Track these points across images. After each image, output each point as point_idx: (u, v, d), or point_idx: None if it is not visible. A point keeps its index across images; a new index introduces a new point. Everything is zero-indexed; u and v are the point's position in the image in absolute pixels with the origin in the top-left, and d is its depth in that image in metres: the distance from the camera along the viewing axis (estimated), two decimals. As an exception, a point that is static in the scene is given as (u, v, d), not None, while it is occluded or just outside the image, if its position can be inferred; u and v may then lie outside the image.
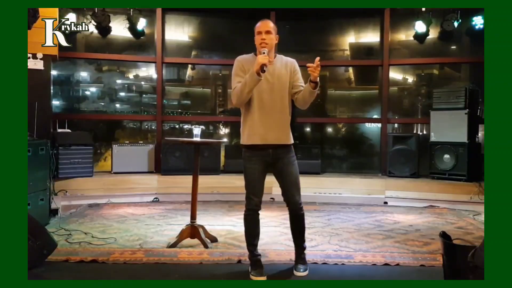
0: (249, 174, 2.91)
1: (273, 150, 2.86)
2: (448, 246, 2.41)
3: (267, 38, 2.80)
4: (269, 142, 2.83)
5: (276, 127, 2.83)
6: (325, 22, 6.83)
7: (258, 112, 2.83)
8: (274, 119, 2.83)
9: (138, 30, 6.23)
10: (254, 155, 2.87)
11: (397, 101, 7.00)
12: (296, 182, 2.96)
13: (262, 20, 2.88)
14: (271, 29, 2.84)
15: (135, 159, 5.95)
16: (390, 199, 5.64)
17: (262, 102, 2.82)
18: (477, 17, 5.94)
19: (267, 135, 2.82)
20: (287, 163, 2.90)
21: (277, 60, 2.92)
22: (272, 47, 2.86)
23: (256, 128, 2.83)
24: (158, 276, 2.91)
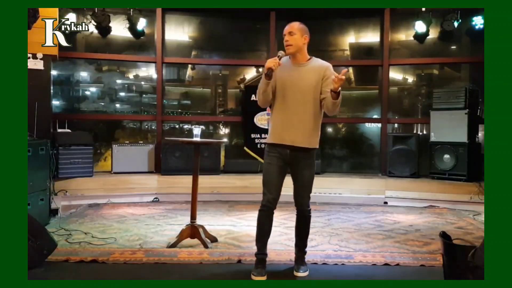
0: (265, 170, 2.93)
1: (290, 152, 2.85)
2: (448, 246, 2.41)
3: (290, 39, 2.81)
4: (285, 143, 2.84)
5: (294, 129, 2.82)
6: (325, 22, 6.83)
7: (279, 112, 2.87)
8: (294, 121, 2.82)
9: (138, 30, 6.23)
10: (272, 152, 2.89)
11: (397, 101, 7.00)
12: (307, 186, 2.94)
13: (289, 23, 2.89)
14: (294, 30, 2.82)
15: (135, 159, 5.95)
16: (390, 199, 5.64)
17: (284, 103, 2.84)
18: (477, 17, 5.94)
19: (284, 135, 2.84)
20: (303, 167, 2.88)
21: (310, 62, 2.89)
22: (299, 47, 2.83)
23: (276, 127, 2.88)
24: (158, 276, 2.91)
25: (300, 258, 3.03)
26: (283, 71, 2.82)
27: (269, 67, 2.67)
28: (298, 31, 2.82)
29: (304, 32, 2.85)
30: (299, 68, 2.85)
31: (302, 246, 3.05)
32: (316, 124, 2.89)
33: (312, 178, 2.95)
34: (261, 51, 6.97)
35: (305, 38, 2.84)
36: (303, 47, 2.86)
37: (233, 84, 6.99)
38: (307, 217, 3.01)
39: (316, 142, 2.91)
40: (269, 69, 2.67)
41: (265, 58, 6.74)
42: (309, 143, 2.86)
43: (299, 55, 2.85)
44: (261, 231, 2.97)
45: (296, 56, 2.86)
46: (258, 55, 7.04)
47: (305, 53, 2.89)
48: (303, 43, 2.84)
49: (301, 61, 2.87)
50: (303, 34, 2.83)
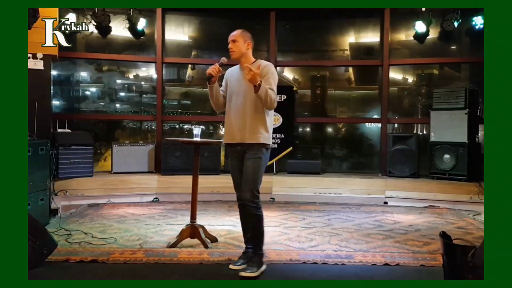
0: (230, 170, 3.17)
1: (240, 148, 3.02)
2: (448, 246, 2.41)
3: (233, 46, 3.06)
4: (235, 141, 3.04)
5: (242, 128, 2.99)
6: (325, 22, 6.84)
7: (229, 114, 3.09)
8: (240, 120, 3.00)
9: (138, 30, 6.23)
10: (229, 152, 3.14)
11: (397, 101, 7.00)
12: (249, 179, 2.95)
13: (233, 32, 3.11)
14: (236, 38, 3.07)
15: (135, 159, 5.95)
16: (390, 199, 5.64)
17: (231, 105, 3.07)
18: (477, 17, 5.94)
19: (235, 134, 3.03)
20: (248, 159, 2.98)
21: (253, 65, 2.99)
22: (241, 53, 3.07)
23: (228, 128, 3.10)
24: (158, 276, 2.91)
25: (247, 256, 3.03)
26: (232, 76, 3.13)
27: (209, 73, 2.97)
28: (241, 38, 3.07)
29: (247, 38, 3.10)
30: (243, 72, 3.00)
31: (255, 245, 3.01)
32: (261, 122, 2.99)
33: (255, 172, 2.95)
34: (261, 51, 6.97)
35: (248, 44, 3.10)
36: (247, 52, 3.10)
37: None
38: (252, 215, 2.96)
39: (261, 138, 2.98)
40: (209, 75, 2.97)
41: (265, 58, 6.75)
42: (254, 138, 2.97)
43: (244, 59, 3.08)
44: (242, 226, 3.18)
45: (241, 61, 3.08)
46: (258, 55, 7.03)
47: (249, 57, 3.11)
48: (246, 49, 3.09)
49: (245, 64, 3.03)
50: (245, 40, 3.09)
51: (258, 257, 2.99)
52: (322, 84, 7.09)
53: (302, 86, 6.94)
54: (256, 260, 2.97)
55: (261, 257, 3.01)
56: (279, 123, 6.25)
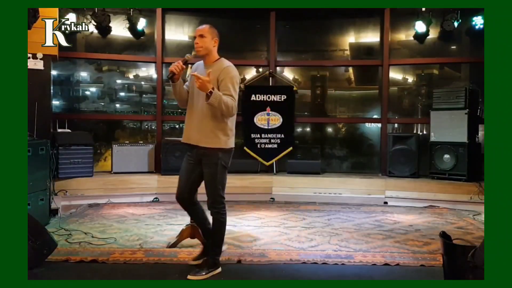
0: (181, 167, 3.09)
1: (197, 150, 2.95)
2: (448, 246, 2.41)
3: (200, 41, 2.90)
4: (191, 143, 2.96)
5: (196, 129, 2.92)
6: (325, 22, 6.83)
7: (188, 113, 3.01)
8: (197, 121, 2.91)
9: (138, 30, 6.23)
10: (187, 151, 3.06)
11: (397, 101, 7.00)
12: (209, 185, 2.92)
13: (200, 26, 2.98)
14: (205, 33, 2.91)
15: (135, 159, 5.94)
16: (390, 199, 5.64)
17: (190, 104, 2.99)
18: (477, 17, 5.93)
19: (190, 135, 2.96)
20: (204, 165, 2.92)
21: (215, 64, 2.94)
22: (208, 50, 2.93)
23: (186, 128, 3.02)
24: (158, 276, 2.91)
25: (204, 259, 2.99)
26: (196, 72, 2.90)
27: (170, 71, 2.85)
28: (209, 34, 2.91)
29: (214, 35, 2.94)
30: (205, 70, 2.90)
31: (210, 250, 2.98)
32: (218, 125, 2.87)
33: (214, 179, 2.90)
34: (261, 51, 6.97)
35: (215, 41, 2.94)
36: (213, 50, 2.95)
37: (233, 84, 6.98)
38: (216, 220, 2.93)
39: (218, 143, 2.88)
40: (171, 72, 2.85)
41: (265, 58, 6.75)
42: (210, 143, 2.88)
43: (208, 57, 2.95)
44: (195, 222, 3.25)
45: (205, 58, 2.96)
46: (258, 55, 7.04)
47: (214, 54, 2.97)
48: (213, 46, 2.94)
49: (208, 62, 2.96)
50: (213, 37, 2.93)
51: (212, 261, 2.94)
52: (322, 84, 7.08)
53: (302, 86, 6.94)
54: (208, 263, 2.93)
55: (216, 260, 2.96)
56: (279, 123, 6.26)
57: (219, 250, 2.99)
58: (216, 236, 2.97)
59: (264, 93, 6.30)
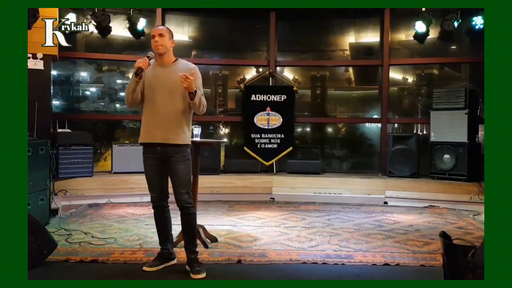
0: (145, 171, 3.08)
1: (161, 148, 2.95)
2: (448, 246, 2.41)
3: (160, 40, 2.93)
4: (156, 141, 2.94)
5: (163, 127, 2.92)
6: (325, 22, 6.83)
7: (149, 112, 2.98)
8: (163, 119, 2.92)
9: (138, 30, 6.23)
10: (146, 152, 3.04)
11: (397, 101, 7.00)
12: (183, 181, 2.96)
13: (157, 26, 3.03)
14: (164, 33, 2.95)
15: (135, 159, 5.89)
16: (390, 199, 5.64)
17: (152, 103, 2.95)
18: (477, 17, 5.94)
19: (155, 134, 2.94)
20: (175, 162, 2.95)
21: (176, 63, 3.01)
22: (167, 49, 2.97)
23: (146, 127, 2.99)
24: (158, 276, 2.91)
25: (193, 260, 2.98)
26: (149, 72, 2.94)
27: (139, 67, 2.83)
28: (167, 34, 2.97)
29: (172, 36, 3.01)
30: (166, 69, 2.97)
31: (190, 244, 3.00)
32: (186, 122, 2.99)
33: (187, 174, 2.98)
34: (261, 51, 6.97)
35: (172, 42, 3.00)
36: (170, 50, 3.01)
37: (233, 84, 6.99)
38: (189, 214, 2.98)
39: (187, 139, 2.99)
40: (139, 68, 2.83)
41: (265, 58, 6.75)
42: (179, 139, 2.94)
43: (166, 56, 2.98)
44: (157, 228, 3.14)
45: (163, 57, 2.98)
46: (258, 55, 7.04)
47: (172, 54, 3.03)
48: (170, 46, 2.99)
49: (167, 62, 3.00)
50: (170, 37, 2.99)
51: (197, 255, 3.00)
52: (322, 84, 7.08)
53: (302, 86, 6.94)
54: (197, 260, 2.98)
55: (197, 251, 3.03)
56: (279, 123, 6.26)
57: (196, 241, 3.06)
58: (193, 230, 3.05)
59: (264, 93, 6.30)
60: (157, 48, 2.93)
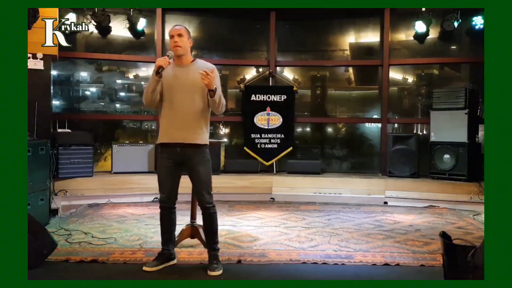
0: (158, 170, 3.10)
1: (181, 149, 2.95)
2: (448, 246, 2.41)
3: (179, 40, 2.94)
4: (176, 141, 2.94)
5: (184, 127, 2.93)
6: (325, 22, 6.83)
7: (168, 112, 2.97)
8: (183, 119, 2.93)
9: (138, 30, 6.23)
10: (163, 153, 3.03)
11: (397, 101, 6.99)
12: (204, 182, 3.00)
13: (175, 25, 3.03)
14: (183, 33, 2.96)
15: (135, 159, 5.94)
16: (390, 199, 5.64)
17: (172, 103, 2.95)
18: (477, 17, 5.93)
19: (174, 134, 2.94)
20: (196, 163, 2.97)
21: (194, 63, 3.03)
22: (186, 49, 2.99)
23: (166, 127, 2.99)
24: (158, 276, 2.91)
25: (213, 257, 3.02)
26: (168, 72, 2.92)
27: (160, 65, 2.81)
28: (186, 34, 2.98)
29: (189, 35, 3.03)
30: (184, 69, 2.98)
31: (213, 243, 3.05)
32: (205, 122, 3.01)
33: (208, 174, 3.01)
34: (261, 51, 6.97)
35: (190, 42, 3.02)
36: (189, 50, 3.03)
37: (233, 84, 6.99)
38: (211, 214, 3.03)
39: (206, 139, 3.01)
40: (160, 67, 2.81)
41: (265, 58, 6.76)
42: (200, 139, 2.96)
43: (185, 57, 3.00)
44: (162, 228, 3.15)
45: (182, 57, 2.99)
46: (258, 55, 7.04)
47: (190, 55, 3.06)
48: (189, 46, 3.01)
49: (185, 62, 3.01)
50: (189, 37, 3.01)
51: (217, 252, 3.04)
52: (322, 84, 7.08)
53: (302, 86, 6.94)
54: (216, 256, 3.02)
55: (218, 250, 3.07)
56: (279, 123, 6.26)
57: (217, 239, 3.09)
58: (215, 229, 3.07)
59: (264, 93, 6.30)
60: (176, 49, 2.93)
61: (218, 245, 3.07)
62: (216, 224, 3.08)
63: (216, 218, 3.07)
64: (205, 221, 3.06)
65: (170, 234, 3.14)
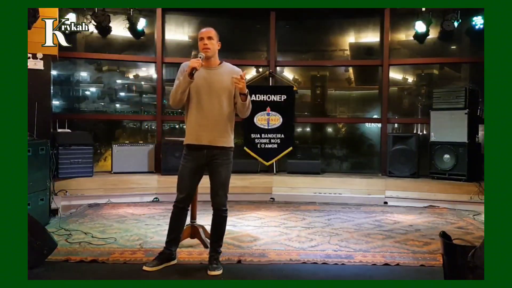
0: (180, 170, 3.07)
1: (207, 151, 2.97)
2: (448, 246, 2.41)
3: (209, 43, 2.95)
4: (203, 143, 2.96)
5: (211, 129, 2.95)
6: (325, 22, 6.83)
7: (195, 113, 2.98)
8: (210, 121, 2.95)
9: (138, 30, 6.23)
10: (189, 154, 3.03)
11: (397, 101, 6.99)
12: (223, 184, 3.02)
13: (204, 28, 3.03)
14: (213, 36, 2.97)
15: (135, 159, 5.94)
16: (390, 199, 5.64)
17: (199, 105, 2.96)
18: (477, 17, 5.93)
19: (201, 136, 2.96)
20: (219, 164, 2.99)
21: (221, 66, 3.04)
22: (215, 52, 3.00)
23: (192, 128, 3.00)
24: (158, 276, 2.91)
25: (213, 257, 3.02)
26: (196, 74, 2.90)
27: (193, 67, 2.81)
28: (215, 37, 2.99)
29: (219, 38, 3.03)
30: (212, 71, 3.00)
31: (217, 246, 3.05)
32: (231, 125, 3.04)
33: (228, 177, 3.05)
34: (261, 51, 6.97)
35: (219, 45, 3.03)
36: (216, 52, 3.03)
37: (233, 84, 6.98)
38: (223, 217, 3.04)
39: (231, 142, 3.04)
40: (194, 68, 2.82)
41: (265, 58, 6.76)
42: (225, 142, 2.99)
43: (213, 59, 3.01)
44: (170, 228, 3.13)
45: (210, 60, 2.99)
46: (258, 55, 7.04)
47: (217, 57, 3.06)
48: (217, 48, 3.02)
49: (213, 65, 3.02)
50: (218, 40, 3.01)
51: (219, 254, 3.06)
52: (322, 84, 7.08)
53: (302, 86, 6.94)
54: (217, 257, 3.03)
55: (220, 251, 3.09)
56: (279, 123, 6.25)
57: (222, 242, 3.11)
58: (223, 232, 3.09)
59: (264, 93, 6.30)
60: (206, 51, 2.93)
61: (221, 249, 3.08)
62: (225, 228, 3.09)
63: (226, 222, 3.07)
64: (215, 223, 3.05)
65: (177, 234, 3.13)
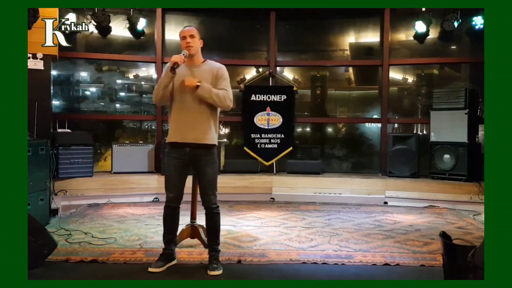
0: (166, 170, 3.09)
1: (190, 149, 2.96)
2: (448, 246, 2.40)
3: (191, 41, 2.98)
4: (186, 141, 2.96)
5: (194, 127, 2.95)
6: (325, 22, 6.83)
7: (178, 111, 2.99)
8: (192, 118, 2.95)
9: (138, 30, 6.23)
10: (172, 152, 3.02)
11: (397, 101, 6.99)
12: (211, 183, 3.03)
13: (186, 27, 3.06)
14: (194, 34, 3.00)
15: (135, 159, 5.94)
16: (390, 199, 5.64)
17: (182, 102, 2.97)
18: (477, 17, 5.93)
19: (184, 133, 2.96)
20: (205, 164, 2.99)
21: (204, 64, 3.07)
22: (197, 50, 3.03)
23: (176, 126, 3.01)
24: (158, 276, 2.91)
25: (213, 257, 3.02)
26: (179, 72, 2.92)
27: (175, 62, 2.83)
28: (197, 35, 3.02)
29: (201, 36, 3.06)
30: (195, 69, 3.02)
31: (214, 244, 3.06)
32: (214, 122, 3.03)
33: (215, 175, 3.06)
34: (261, 51, 6.97)
35: (201, 42, 3.06)
36: (199, 50, 3.06)
37: (233, 84, 6.97)
38: (214, 213, 3.06)
39: (214, 139, 3.03)
40: (175, 63, 2.83)
41: (265, 58, 6.75)
42: (208, 139, 2.99)
43: (196, 57, 3.04)
44: (165, 228, 3.12)
45: (193, 57, 3.02)
46: (258, 55, 7.04)
47: (200, 55, 3.09)
48: (200, 46, 3.05)
49: (196, 62, 3.05)
50: (200, 38, 3.04)
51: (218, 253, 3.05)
52: (322, 84, 7.08)
53: (302, 86, 6.94)
54: (217, 257, 3.02)
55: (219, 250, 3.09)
56: (279, 123, 6.26)
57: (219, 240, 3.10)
58: (218, 229, 3.09)
59: (264, 93, 6.30)
60: (188, 49, 2.96)
61: (219, 247, 3.08)
62: (219, 224, 3.09)
63: (219, 218, 3.09)
64: (208, 221, 3.07)
65: (173, 234, 3.14)
